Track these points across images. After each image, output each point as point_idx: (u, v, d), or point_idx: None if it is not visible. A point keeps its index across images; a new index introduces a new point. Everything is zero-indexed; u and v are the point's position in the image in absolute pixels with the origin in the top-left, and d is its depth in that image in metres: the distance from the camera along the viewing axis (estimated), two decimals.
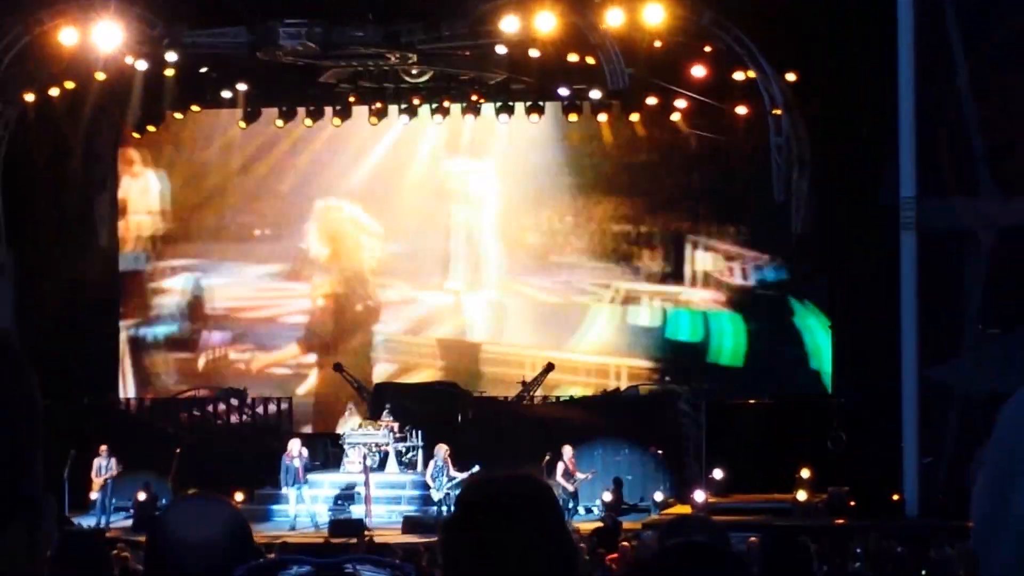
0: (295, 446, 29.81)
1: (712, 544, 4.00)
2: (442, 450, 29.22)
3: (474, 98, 34.40)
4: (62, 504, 29.59)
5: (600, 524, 25.67)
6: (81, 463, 30.74)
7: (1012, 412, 2.23)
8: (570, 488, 29.24)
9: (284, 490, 29.74)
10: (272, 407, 35.63)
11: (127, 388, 38.20)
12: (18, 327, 33.23)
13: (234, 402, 35.28)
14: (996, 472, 2.18)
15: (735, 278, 36.29)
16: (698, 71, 30.99)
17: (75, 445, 30.45)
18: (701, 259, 36.58)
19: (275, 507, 30.26)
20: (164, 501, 28.95)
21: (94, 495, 30.98)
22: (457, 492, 28.43)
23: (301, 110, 35.36)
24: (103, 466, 30.72)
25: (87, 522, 28.88)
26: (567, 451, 29.60)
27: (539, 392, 34.45)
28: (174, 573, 3.69)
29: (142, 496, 30.17)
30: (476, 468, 28.91)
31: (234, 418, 33.96)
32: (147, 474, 31.01)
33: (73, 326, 34.60)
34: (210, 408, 35.53)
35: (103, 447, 30.89)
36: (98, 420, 32.59)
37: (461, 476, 28.91)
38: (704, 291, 36.53)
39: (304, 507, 29.46)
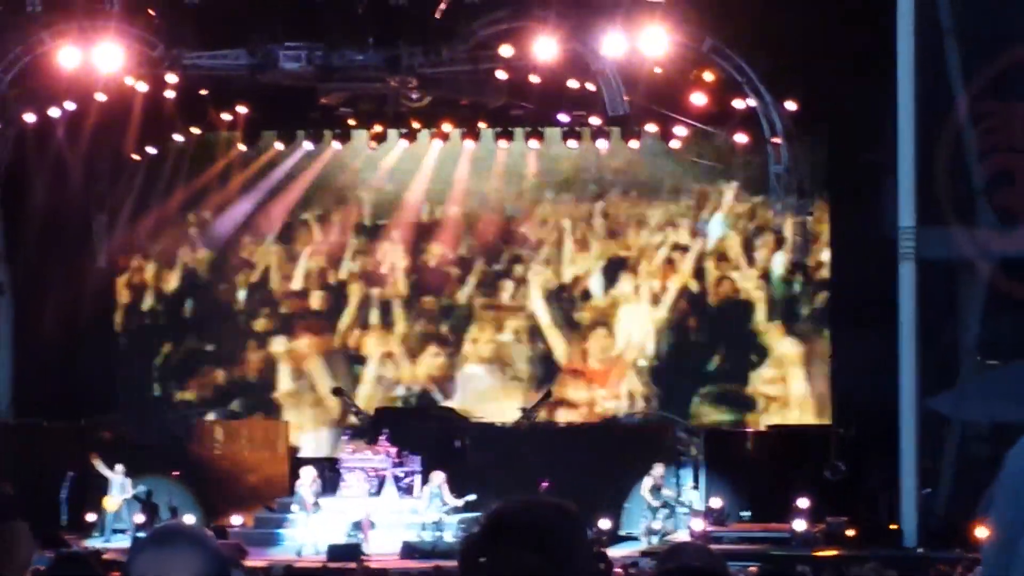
0: (308, 474, 29.72)
1: (709, 570, 3.97)
2: (438, 476, 29.19)
3: (473, 123, 34.39)
4: (58, 525, 29.46)
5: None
6: (79, 484, 30.61)
7: (1018, 463, 2.20)
8: (655, 504, 29.52)
9: (293, 515, 29.65)
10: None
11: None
12: (16, 346, 33.21)
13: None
14: (1004, 522, 2.15)
15: None
16: (698, 99, 30.95)
17: (73, 466, 30.37)
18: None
19: (276, 531, 30.11)
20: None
21: (91, 515, 30.71)
22: (452, 518, 28.54)
23: (300, 132, 35.35)
24: (118, 483, 30.24)
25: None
26: (658, 469, 29.78)
27: (538, 418, 34.32)
28: None
29: (140, 519, 29.88)
30: (472, 495, 28.84)
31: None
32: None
33: (71, 346, 34.50)
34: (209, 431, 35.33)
35: (119, 465, 30.40)
36: (95, 441, 32.41)
37: (457, 502, 28.85)
38: None
39: (309, 533, 29.30)
